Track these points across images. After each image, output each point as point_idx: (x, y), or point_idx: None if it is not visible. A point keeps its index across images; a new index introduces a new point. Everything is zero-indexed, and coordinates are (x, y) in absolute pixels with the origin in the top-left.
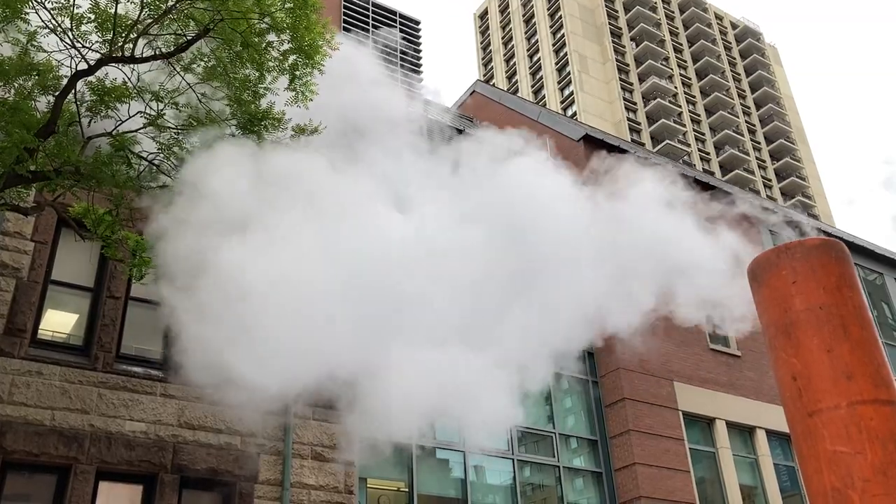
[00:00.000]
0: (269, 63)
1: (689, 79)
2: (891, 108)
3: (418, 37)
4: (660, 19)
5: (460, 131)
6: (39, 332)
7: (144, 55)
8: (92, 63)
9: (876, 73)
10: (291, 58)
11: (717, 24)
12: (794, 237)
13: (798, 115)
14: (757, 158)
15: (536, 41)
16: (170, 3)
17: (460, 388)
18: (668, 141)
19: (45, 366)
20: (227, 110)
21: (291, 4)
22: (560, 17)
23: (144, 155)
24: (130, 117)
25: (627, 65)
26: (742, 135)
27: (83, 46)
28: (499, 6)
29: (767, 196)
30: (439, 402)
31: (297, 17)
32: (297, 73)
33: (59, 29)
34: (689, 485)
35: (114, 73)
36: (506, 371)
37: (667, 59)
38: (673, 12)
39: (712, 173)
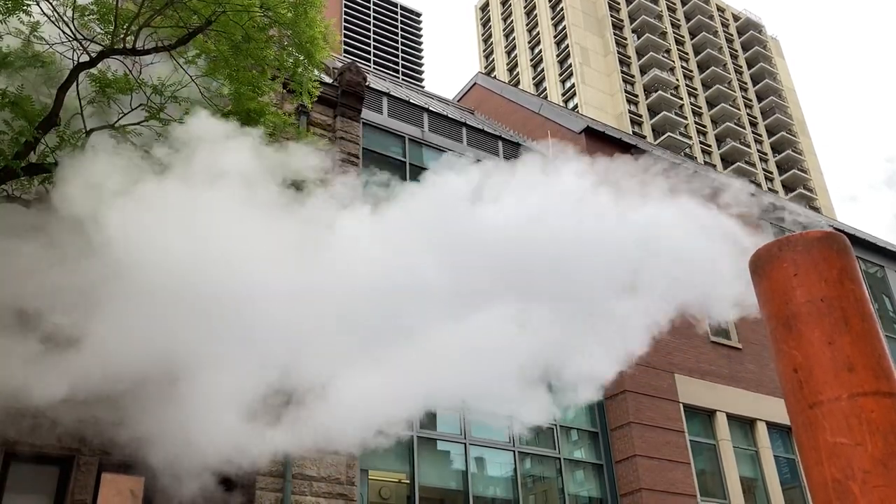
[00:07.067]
0: (269, 58)
1: (691, 71)
2: (893, 105)
3: (419, 29)
4: (661, 11)
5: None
6: None
7: (146, 47)
8: (93, 55)
9: (878, 68)
10: (293, 55)
11: (719, 16)
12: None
13: (800, 108)
14: (758, 151)
15: (538, 33)
16: None
17: None
18: (669, 133)
19: None
20: (228, 105)
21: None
22: (561, 8)
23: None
24: (133, 109)
25: (629, 57)
26: (743, 127)
27: (84, 38)
28: None
29: (769, 189)
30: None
31: (299, 13)
32: (299, 69)
33: (60, 20)
34: (690, 477)
35: (115, 66)
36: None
37: (668, 51)
38: (674, 4)
39: (714, 166)
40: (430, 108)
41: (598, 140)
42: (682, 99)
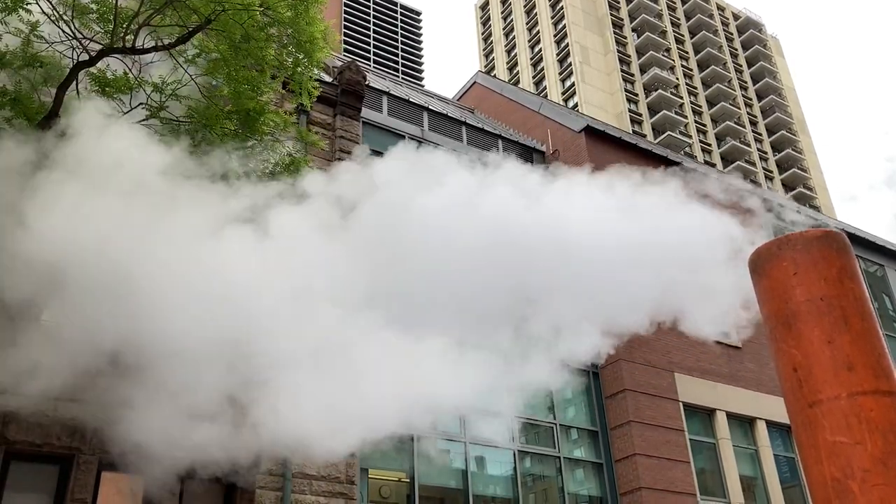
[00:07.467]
0: (269, 57)
1: (691, 70)
2: (893, 105)
3: (419, 28)
4: (661, 10)
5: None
6: None
7: (146, 46)
8: (93, 54)
9: (878, 68)
10: (293, 54)
11: (719, 14)
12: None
13: (800, 107)
14: (758, 150)
15: (537, 32)
16: None
17: None
18: (669, 132)
19: None
20: (228, 105)
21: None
22: (561, 7)
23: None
24: (132, 108)
25: (629, 56)
26: (743, 126)
27: (84, 37)
28: None
29: (769, 188)
30: None
31: (298, 12)
32: (298, 68)
33: (60, 20)
34: (690, 475)
35: (116, 65)
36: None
37: (668, 50)
38: (674, 3)
39: (714, 164)
40: (430, 107)
41: (598, 139)
42: (682, 98)
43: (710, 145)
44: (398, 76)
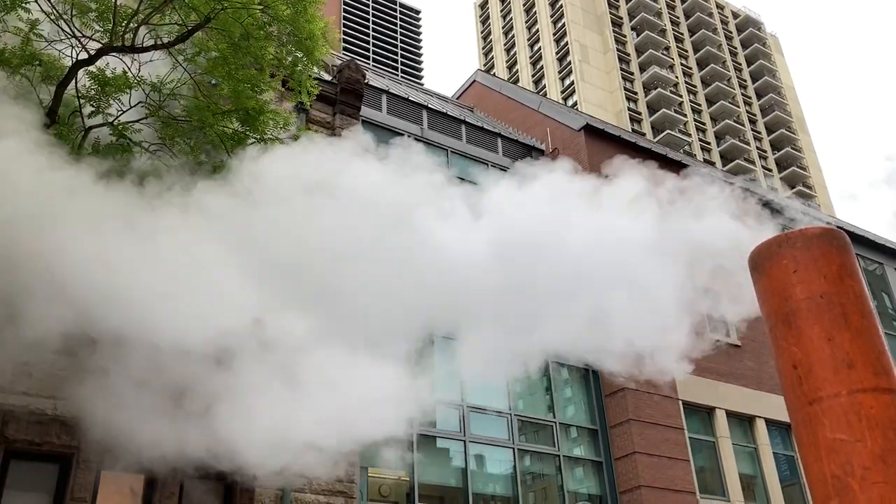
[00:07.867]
0: (268, 56)
1: (690, 68)
2: (893, 103)
3: (418, 26)
4: (661, 9)
5: None
6: None
7: (145, 45)
8: (92, 52)
9: (878, 66)
10: (292, 53)
11: (719, 13)
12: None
13: (799, 105)
14: (758, 148)
15: (537, 31)
16: None
17: None
18: (668, 131)
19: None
20: (228, 104)
21: None
22: (560, 6)
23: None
24: (132, 107)
25: (628, 54)
26: (743, 124)
27: (83, 36)
28: None
29: (768, 186)
30: None
31: (298, 10)
32: (298, 67)
33: (59, 18)
34: (689, 474)
35: (115, 63)
36: None
37: (668, 48)
38: (674, 1)
39: (713, 163)
40: (429, 106)
41: (598, 137)
42: (681, 96)
43: (709, 144)
44: (397, 75)
